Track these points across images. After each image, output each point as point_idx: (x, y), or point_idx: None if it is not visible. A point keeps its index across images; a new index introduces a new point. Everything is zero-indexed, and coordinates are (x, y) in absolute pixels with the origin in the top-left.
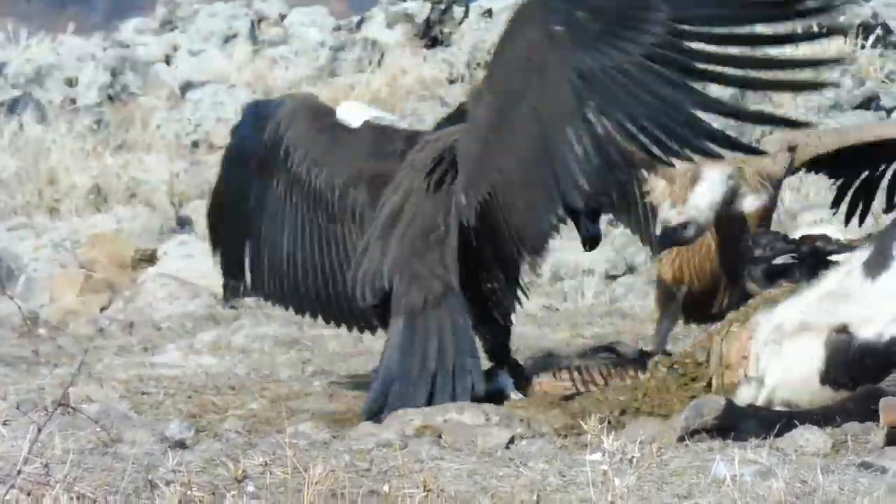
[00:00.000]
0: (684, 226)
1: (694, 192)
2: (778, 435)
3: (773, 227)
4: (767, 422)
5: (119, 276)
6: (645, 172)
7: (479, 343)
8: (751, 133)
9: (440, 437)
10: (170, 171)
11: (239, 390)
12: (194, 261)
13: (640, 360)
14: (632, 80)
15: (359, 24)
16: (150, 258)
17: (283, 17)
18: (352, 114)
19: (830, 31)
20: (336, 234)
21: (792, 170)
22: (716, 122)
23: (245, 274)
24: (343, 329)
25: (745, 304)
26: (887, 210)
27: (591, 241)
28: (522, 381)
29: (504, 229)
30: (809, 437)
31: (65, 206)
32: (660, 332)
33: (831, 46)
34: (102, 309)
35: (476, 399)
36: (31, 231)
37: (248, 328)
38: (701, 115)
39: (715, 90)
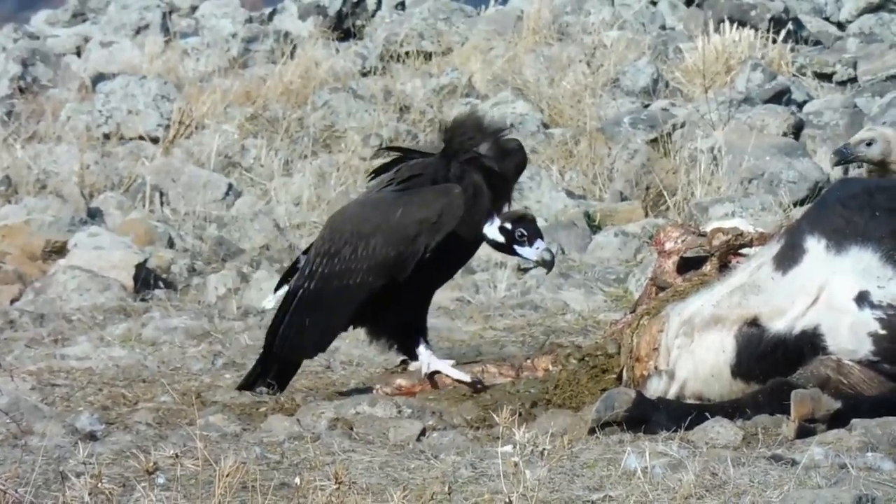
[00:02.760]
0: (869, 142)
1: None
2: (688, 427)
3: (683, 221)
4: (678, 414)
5: (29, 267)
6: None
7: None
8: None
9: (352, 429)
10: (80, 163)
11: (149, 382)
12: (105, 252)
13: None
14: None
15: (271, 16)
16: (60, 250)
17: (194, 8)
18: None
19: None
20: None
21: None
22: None
23: None
24: (253, 321)
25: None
26: None
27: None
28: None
29: None
30: (720, 430)
31: None
32: None
33: (742, 41)
34: (13, 301)
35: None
36: None
37: (158, 320)
38: None
39: None
